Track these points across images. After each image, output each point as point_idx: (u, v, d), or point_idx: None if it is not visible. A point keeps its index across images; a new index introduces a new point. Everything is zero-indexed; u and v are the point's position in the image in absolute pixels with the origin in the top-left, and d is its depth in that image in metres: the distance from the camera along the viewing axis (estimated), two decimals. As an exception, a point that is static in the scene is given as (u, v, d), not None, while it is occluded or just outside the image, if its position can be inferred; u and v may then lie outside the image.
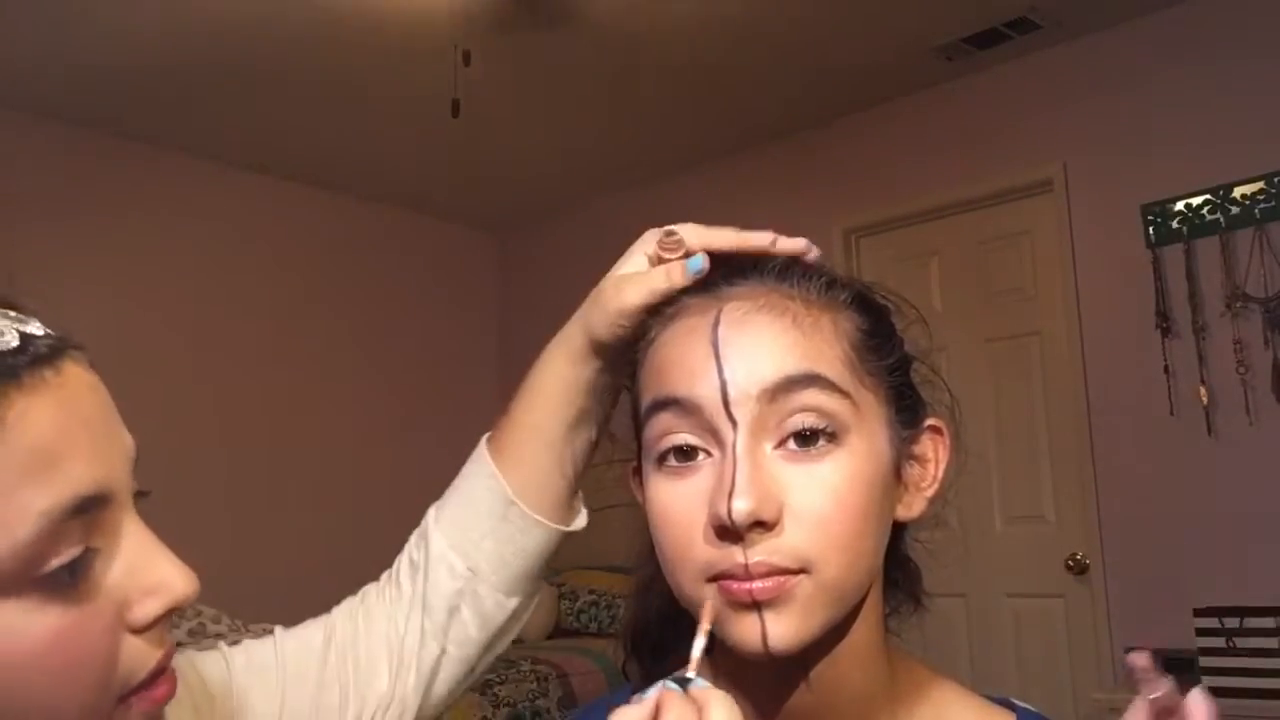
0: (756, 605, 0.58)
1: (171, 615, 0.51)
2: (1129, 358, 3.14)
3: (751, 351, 0.60)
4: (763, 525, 0.57)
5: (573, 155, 4.23)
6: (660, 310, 0.66)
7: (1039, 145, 3.38)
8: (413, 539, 0.86)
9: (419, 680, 0.79)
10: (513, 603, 0.82)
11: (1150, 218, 3.13)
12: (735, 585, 0.58)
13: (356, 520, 4.30)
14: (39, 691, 0.46)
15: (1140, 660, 0.54)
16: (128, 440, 0.53)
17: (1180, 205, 3.07)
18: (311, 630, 0.80)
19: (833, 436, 0.59)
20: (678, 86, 3.60)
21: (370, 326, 4.54)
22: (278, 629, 0.81)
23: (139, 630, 0.49)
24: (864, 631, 0.64)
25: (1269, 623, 2.56)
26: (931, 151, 3.63)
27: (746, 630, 0.58)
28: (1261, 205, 2.94)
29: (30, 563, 0.45)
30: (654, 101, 3.73)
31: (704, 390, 0.60)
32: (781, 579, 0.57)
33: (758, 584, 0.57)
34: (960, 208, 3.59)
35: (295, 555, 4.08)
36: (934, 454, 0.67)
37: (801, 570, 0.58)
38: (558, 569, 4.13)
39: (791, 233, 0.71)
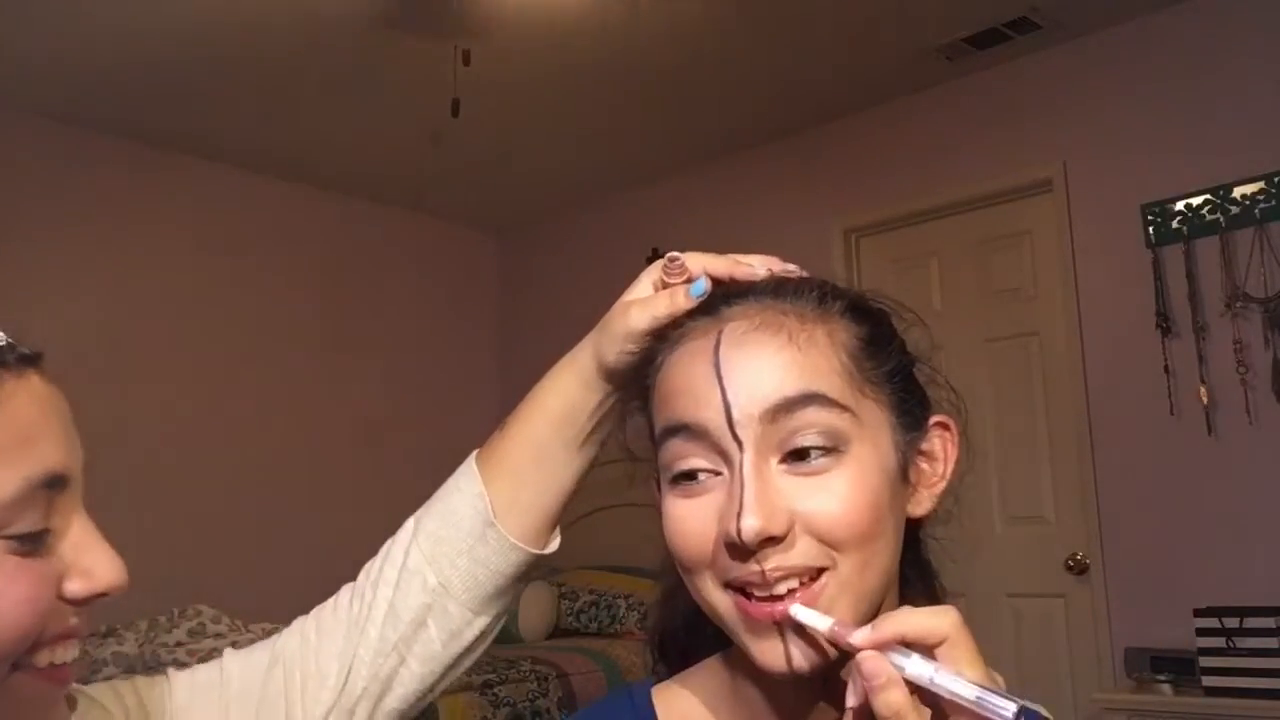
0: (779, 627, 0.59)
1: (98, 600, 0.56)
2: (1129, 358, 3.14)
3: (752, 373, 0.62)
4: (773, 540, 0.59)
5: (573, 155, 4.23)
6: (666, 335, 0.68)
7: (1039, 145, 3.38)
8: (389, 548, 0.87)
9: (372, 690, 0.78)
10: (481, 621, 0.81)
11: (1150, 218, 3.13)
12: (756, 608, 0.60)
13: (356, 520, 4.29)
14: None
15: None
16: (79, 448, 0.60)
17: (1180, 205, 3.07)
18: (259, 650, 0.81)
19: (834, 450, 0.61)
20: (677, 87, 3.60)
21: (370, 326, 4.54)
22: (226, 650, 0.82)
23: (69, 602, 0.56)
24: None
25: (1269, 623, 2.56)
26: (931, 151, 3.63)
27: (768, 651, 0.60)
28: (1261, 205, 2.94)
29: (2, 522, 0.52)
30: (654, 101, 3.73)
31: (709, 414, 0.62)
32: (806, 589, 0.59)
33: (780, 607, 0.59)
34: (960, 208, 3.59)
35: (294, 555, 4.08)
36: (943, 451, 0.69)
37: (821, 569, 0.60)
38: (558, 568, 4.12)
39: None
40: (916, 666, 0.52)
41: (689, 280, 0.70)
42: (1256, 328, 2.93)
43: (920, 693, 0.52)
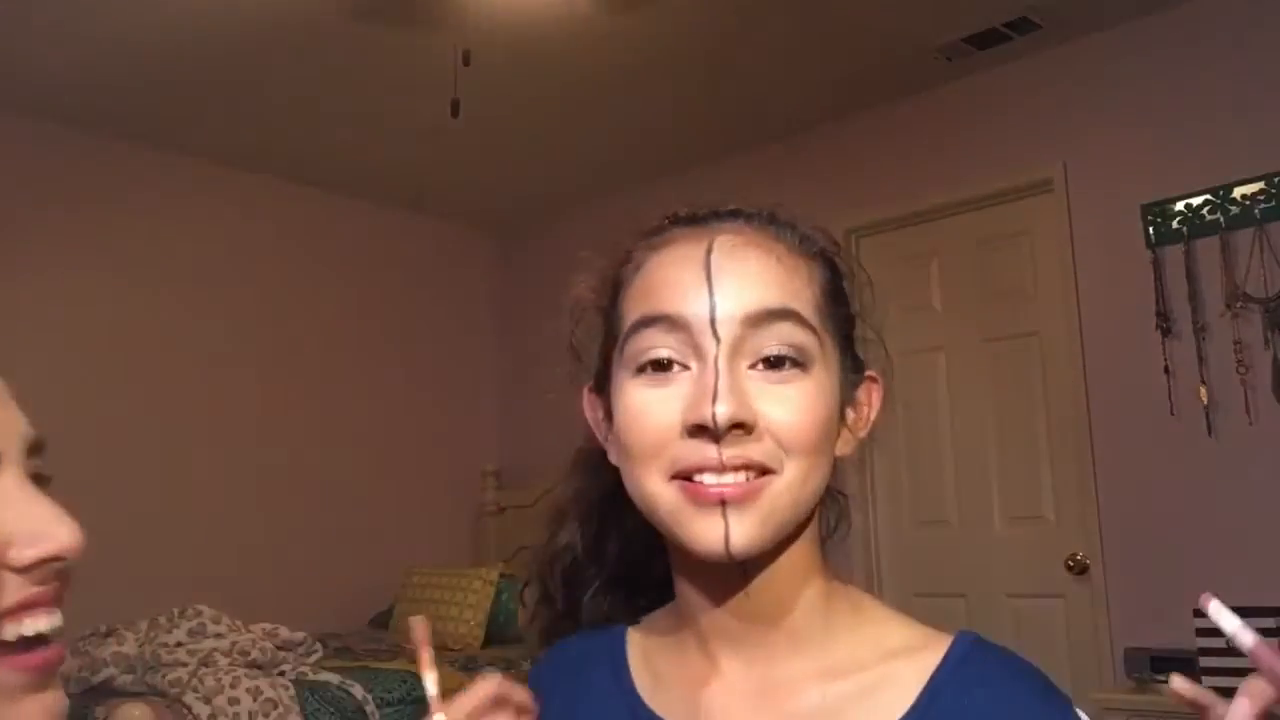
0: (723, 505, 0.62)
1: (55, 564, 0.54)
2: (1129, 358, 3.14)
3: (740, 279, 0.66)
4: (741, 428, 0.62)
5: (573, 155, 4.23)
6: (646, 238, 0.73)
7: (1039, 145, 3.38)
8: None
9: None
10: None
11: (1150, 218, 3.13)
12: (704, 489, 0.63)
13: (357, 520, 4.30)
14: None
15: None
16: (23, 425, 0.57)
17: (1180, 205, 3.07)
18: None
19: (800, 365, 0.65)
20: (678, 86, 3.60)
21: (370, 326, 4.54)
22: None
23: (19, 570, 0.53)
24: (803, 549, 0.68)
25: (1269, 623, 2.56)
26: (931, 151, 3.64)
27: (709, 531, 0.63)
28: (1261, 205, 2.94)
29: None
30: (654, 101, 3.73)
31: (693, 309, 0.65)
32: (753, 482, 0.63)
33: (730, 486, 0.62)
34: (960, 208, 3.59)
35: (294, 555, 4.08)
36: (869, 400, 0.73)
37: (772, 470, 0.63)
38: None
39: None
40: None
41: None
42: (1256, 328, 2.93)
43: None
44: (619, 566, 0.80)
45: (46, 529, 0.54)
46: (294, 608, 3.70)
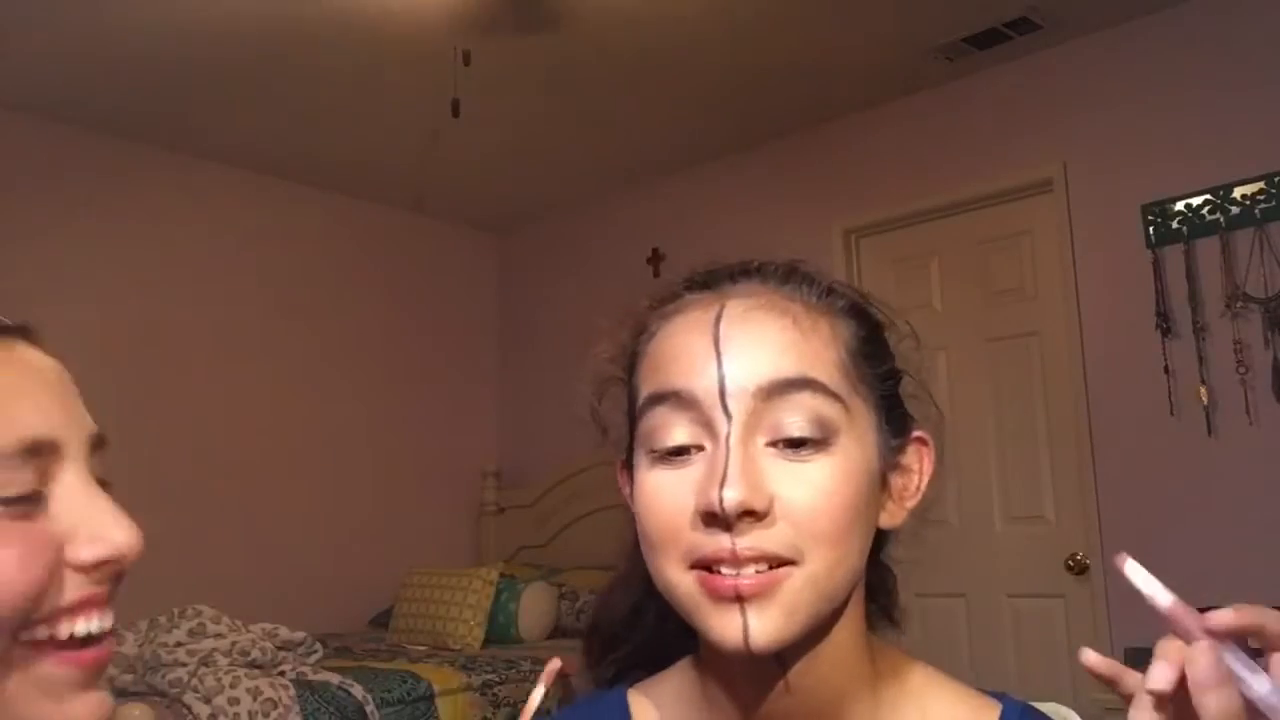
0: (740, 600, 0.58)
1: (114, 566, 0.54)
2: (1129, 358, 3.14)
3: (751, 349, 0.61)
4: (753, 515, 0.58)
5: (573, 155, 4.23)
6: (660, 306, 0.67)
7: (1039, 145, 3.38)
8: None
9: None
10: None
11: (1150, 218, 3.13)
12: (719, 581, 0.58)
13: (357, 520, 4.30)
14: None
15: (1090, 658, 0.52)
16: (88, 421, 0.58)
17: (1180, 205, 3.07)
18: None
19: (822, 441, 0.60)
20: (677, 86, 3.60)
21: (370, 326, 4.54)
22: None
23: (78, 569, 0.54)
24: (846, 633, 0.64)
25: (1269, 623, 2.55)
26: (931, 151, 3.63)
27: (727, 626, 0.58)
28: (1261, 205, 2.94)
29: None
30: (654, 101, 3.73)
31: (702, 383, 0.61)
32: (770, 574, 0.58)
33: (746, 579, 0.57)
34: (960, 208, 3.59)
35: (295, 554, 4.08)
36: (919, 465, 0.68)
37: (790, 560, 0.58)
38: (558, 568, 4.12)
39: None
40: (1262, 687, 0.45)
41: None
42: (1256, 328, 2.93)
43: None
44: (656, 636, 0.74)
45: (106, 530, 0.54)
46: (294, 608, 3.70)
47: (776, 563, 0.58)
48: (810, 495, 0.59)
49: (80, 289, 3.70)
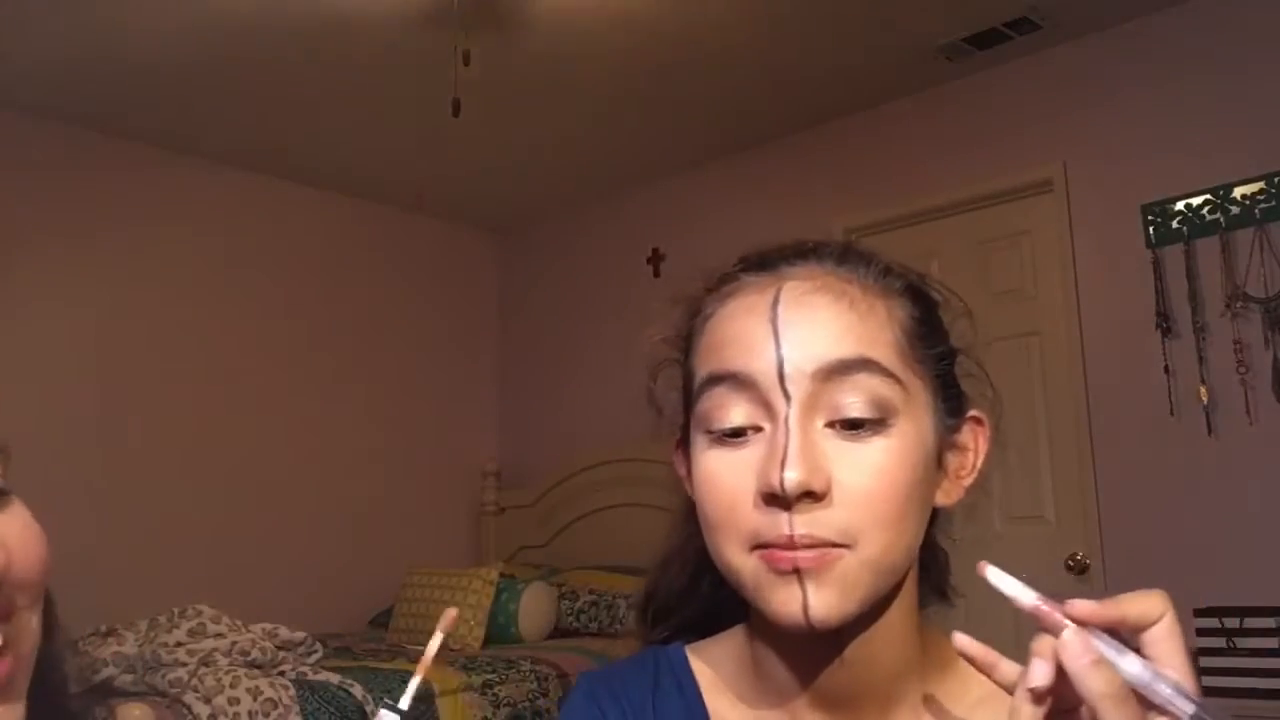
0: (799, 574, 0.59)
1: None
2: (1129, 358, 3.14)
3: (809, 330, 0.62)
4: (811, 495, 0.58)
5: (573, 155, 4.23)
6: (717, 287, 0.68)
7: (1039, 145, 3.38)
8: None
9: None
10: None
11: (1150, 218, 3.13)
12: (779, 554, 0.59)
13: (357, 520, 4.30)
14: None
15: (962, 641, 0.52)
16: None
17: (1180, 205, 3.07)
18: None
19: (881, 422, 0.61)
20: (677, 86, 3.60)
21: (370, 326, 4.54)
22: None
23: None
24: (899, 613, 0.65)
25: (1269, 623, 2.56)
26: (931, 151, 3.64)
27: (788, 600, 0.59)
28: (1261, 205, 2.94)
29: None
30: (653, 102, 3.73)
31: (761, 365, 0.61)
32: (824, 550, 0.59)
33: (802, 554, 0.58)
34: (960, 208, 3.59)
35: (294, 555, 4.08)
36: (974, 444, 0.70)
37: (844, 545, 0.59)
38: (558, 568, 4.12)
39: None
40: (1133, 666, 0.47)
41: None
42: (1256, 328, 2.93)
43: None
44: (710, 605, 0.75)
45: None
46: (294, 608, 3.70)
47: (830, 546, 0.59)
48: (867, 480, 0.60)
49: (79, 289, 3.70)
